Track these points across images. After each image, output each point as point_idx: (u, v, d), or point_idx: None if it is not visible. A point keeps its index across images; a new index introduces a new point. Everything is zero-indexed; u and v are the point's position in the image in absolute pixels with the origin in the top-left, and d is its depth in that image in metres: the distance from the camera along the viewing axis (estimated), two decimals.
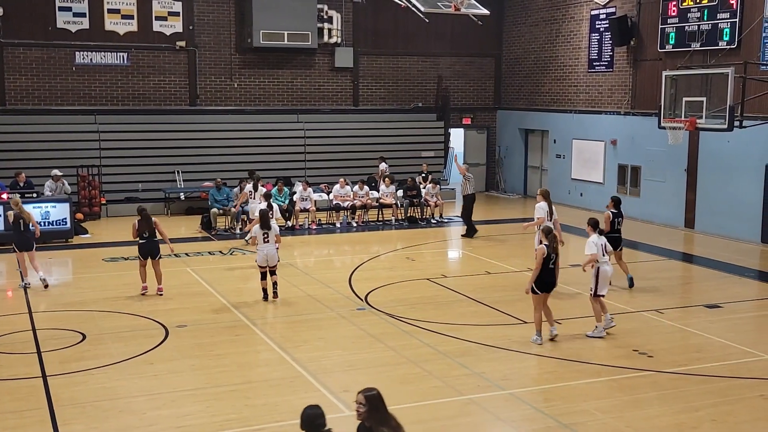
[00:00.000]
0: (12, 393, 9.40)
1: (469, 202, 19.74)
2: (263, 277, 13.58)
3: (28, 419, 8.65)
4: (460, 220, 22.87)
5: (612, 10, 23.04)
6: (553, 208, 14.61)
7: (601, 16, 23.55)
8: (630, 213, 22.61)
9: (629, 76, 22.67)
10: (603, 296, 11.67)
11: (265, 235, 13.42)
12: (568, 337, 11.67)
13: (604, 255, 11.67)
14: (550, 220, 14.09)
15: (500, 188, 28.42)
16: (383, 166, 23.99)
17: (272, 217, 14.82)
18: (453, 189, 27.08)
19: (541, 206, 14.26)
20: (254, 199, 18.41)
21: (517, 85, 27.78)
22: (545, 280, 11.13)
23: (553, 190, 25.89)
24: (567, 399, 9.29)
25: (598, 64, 23.86)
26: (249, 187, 19.00)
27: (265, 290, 13.59)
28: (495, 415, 8.93)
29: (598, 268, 11.59)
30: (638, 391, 9.53)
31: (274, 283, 13.62)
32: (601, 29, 23.56)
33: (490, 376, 9.99)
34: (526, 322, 12.33)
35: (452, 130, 27.81)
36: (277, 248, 13.66)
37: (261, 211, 13.86)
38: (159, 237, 14.06)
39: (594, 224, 11.92)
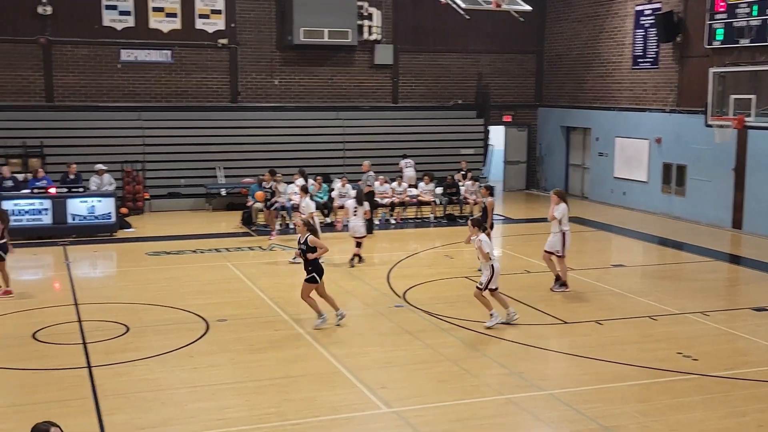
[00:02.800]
0: (58, 382, 9.58)
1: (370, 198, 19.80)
2: (357, 245, 15.91)
3: (74, 408, 8.80)
4: (501, 217, 22.79)
5: (658, 5, 22.67)
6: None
7: (647, 12, 23.19)
8: (675, 212, 22.31)
9: (675, 72, 22.30)
10: (495, 290, 11.86)
11: (355, 210, 15.92)
12: (609, 338, 11.53)
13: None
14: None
15: (541, 186, 28.18)
16: (403, 162, 23.93)
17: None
18: (493, 186, 26.87)
19: (562, 208, 13.78)
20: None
21: (559, 82, 27.51)
22: (321, 268, 11.66)
23: (595, 188, 25.75)
24: (608, 401, 9.16)
25: (642, 60, 23.51)
26: (300, 181, 19.18)
27: (359, 256, 15.88)
28: (534, 415, 8.85)
29: (493, 265, 11.71)
30: (682, 395, 9.36)
31: (355, 255, 15.79)
32: (646, 25, 23.21)
33: (528, 376, 9.90)
34: (566, 322, 12.21)
35: (492, 128, 27.63)
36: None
37: (358, 190, 16.56)
38: None
39: (478, 224, 12.06)
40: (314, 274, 11.54)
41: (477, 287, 11.79)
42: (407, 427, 8.46)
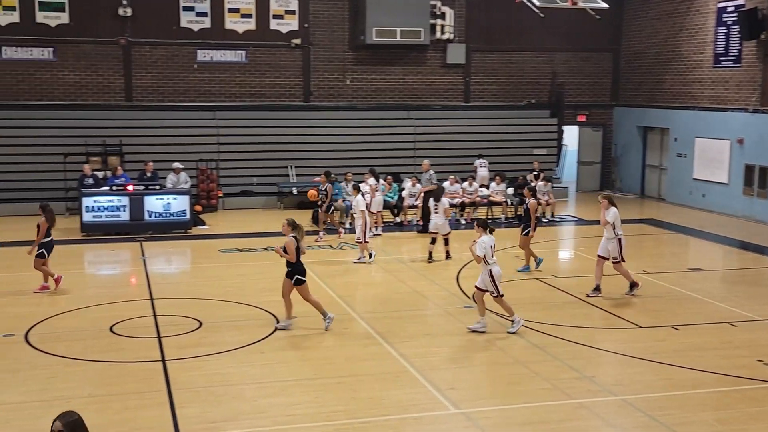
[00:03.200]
0: (134, 375, 9.83)
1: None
2: (432, 241, 16.25)
3: (149, 400, 9.02)
4: (573, 219, 22.42)
5: (741, 2, 21.91)
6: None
7: (729, 9, 22.44)
8: (757, 216, 21.54)
9: (759, 71, 21.50)
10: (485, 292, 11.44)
11: (435, 207, 16.29)
12: (686, 344, 11.18)
13: (492, 256, 11.38)
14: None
15: (615, 187, 27.59)
16: (478, 162, 23.77)
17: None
18: (566, 187, 26.53)
19: (614, 213, 13.27)
20: (377, 192, 18.84)
21: (637, 81, 26.87)
22: (301, 268, 11.46)
23: (673, 190, 25.06)
24: (684, 408, 8.88)
25: (724, 59, 22.76)
26: (372, 181, 19.27)
27: (430, 253, 16.19)
28: (606, 420, 8.65)
29: (491, 270, 11.25)
30: (763, 404, 9.01)
31: (447, 251, 16.28)
32: (729, 22, 22.45)
33: (601, 381, 9.69)
34: (641, 327, 11.90)
35: (566, 128, 27.20)
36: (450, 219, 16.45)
37: (440, 188, 16.86)
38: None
39: (483, 225, 11.57)
40: (297, 275, 11.45)
41: (493, 296, 11.42)
42: (475, 429, 8.37)
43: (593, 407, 8.92)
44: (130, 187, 19.34)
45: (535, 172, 23.18)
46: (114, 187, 19.39)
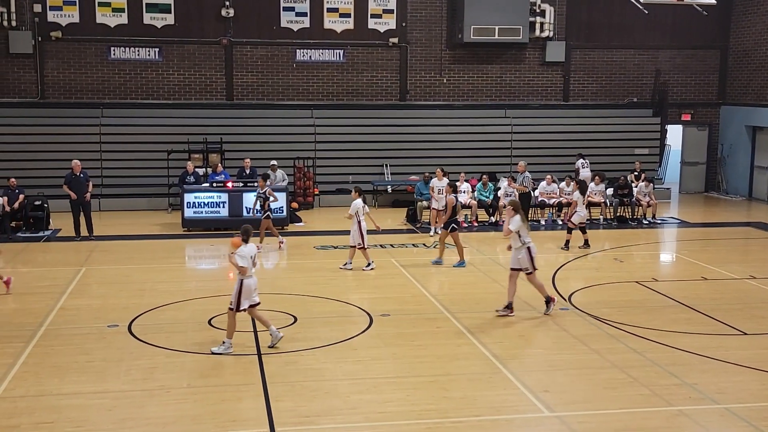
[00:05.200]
0: (231, 367, 10.07)
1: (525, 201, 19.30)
2: (568, 231, 17.22)
3: (244, 393, 9.22)
4: (676, 221, 21.68)
5: None
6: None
7: None
8: None
9: None
10: (245, 311, 10.58)
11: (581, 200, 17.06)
12: None
13: (252, 267, 10.61)
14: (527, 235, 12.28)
15: (721, 189, 26.54)
16: (579, 162, 23.27)
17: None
18: (668, 188, 25.69)
19: (518, 220, 12.02)
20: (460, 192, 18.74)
21: (745, 79, 25.74)
22: None
23: None
24: None
25: None
26: (446, 181, 19.24)
27: (586, 241, 17.19)
28: (706, 429, 8.31)
29: (242, 280, 10.46)
30: None
31: (586, 239, 17.18)
32: None
33: (703, 388, 9.31)
34: (746, 334, 11.39)
35: (669, 127, 26.33)
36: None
37: (584, 182, 17.60)
38: None
39: (245, 233, 10.73)
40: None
41: (229, 308, 10.64)
42: None
43: (693, 415, 8.60)
44: (230, 184, 19.83)
45: (636, 173, 22.55)
46: (214, 184, 19.92)
